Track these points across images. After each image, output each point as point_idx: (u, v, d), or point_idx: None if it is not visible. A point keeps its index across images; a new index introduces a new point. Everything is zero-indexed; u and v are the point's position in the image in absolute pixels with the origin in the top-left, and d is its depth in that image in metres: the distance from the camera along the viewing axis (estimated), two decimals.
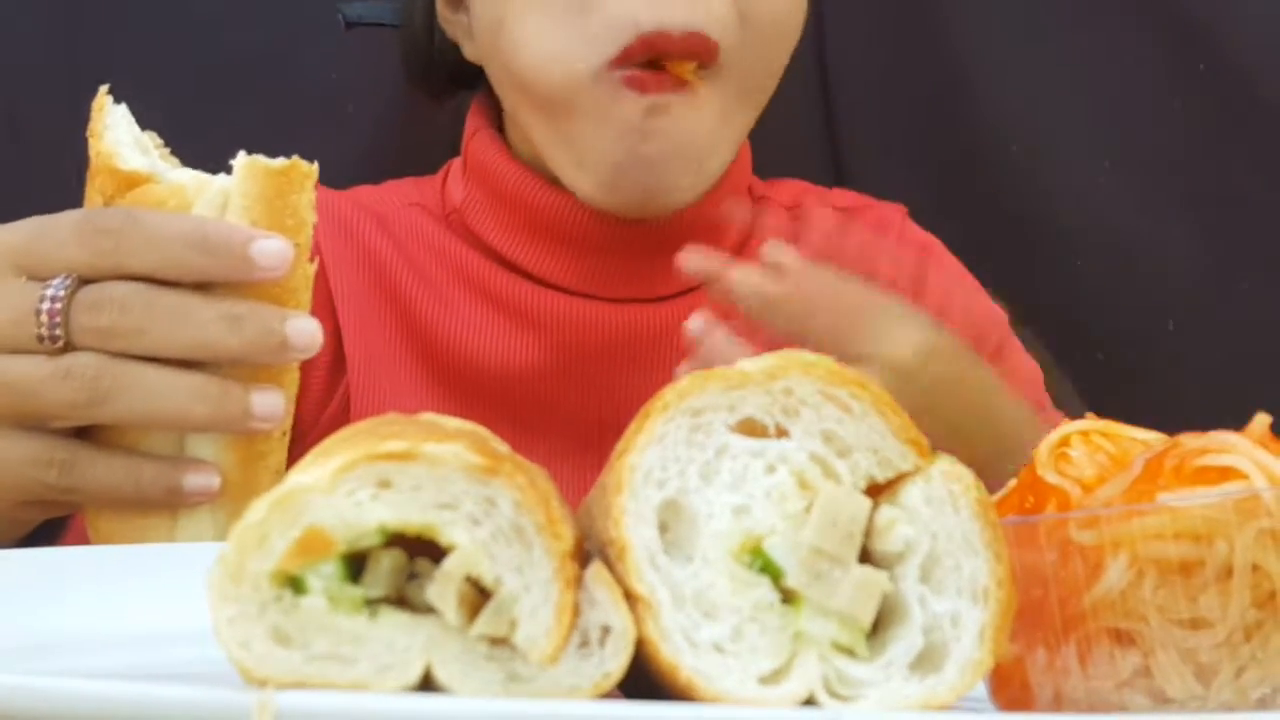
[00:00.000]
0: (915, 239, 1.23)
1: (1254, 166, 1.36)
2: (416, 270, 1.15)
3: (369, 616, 0.54)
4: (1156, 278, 1.37)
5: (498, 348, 1.13)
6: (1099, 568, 0.57)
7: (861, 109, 1.09)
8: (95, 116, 0.80)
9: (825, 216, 1.22)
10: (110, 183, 0.79)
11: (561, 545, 0.53)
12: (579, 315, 1.12)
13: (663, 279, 1.12)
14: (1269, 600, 0.56)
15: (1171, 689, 0.56)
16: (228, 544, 0.53)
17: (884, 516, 0.56)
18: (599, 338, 1.12)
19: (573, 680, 0.54)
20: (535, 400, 1.13)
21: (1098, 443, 0.61)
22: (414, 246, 1.16)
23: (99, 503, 0.80)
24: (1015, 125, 1.36)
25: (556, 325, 1.12)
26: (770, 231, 1.19)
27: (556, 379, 1.13)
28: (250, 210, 0.78)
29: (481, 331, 1.13)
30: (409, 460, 0.53)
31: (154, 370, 0.78)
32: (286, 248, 0.77)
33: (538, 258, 1.13)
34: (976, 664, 0.55)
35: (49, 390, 0.78)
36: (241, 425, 0.79)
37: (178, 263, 0.77)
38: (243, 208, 0.78)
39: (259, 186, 0.78)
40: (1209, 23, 1.36)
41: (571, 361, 1.12)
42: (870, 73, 1.35)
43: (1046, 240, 1.34)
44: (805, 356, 0.57)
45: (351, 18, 1.25)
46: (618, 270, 1.12)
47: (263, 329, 0.77)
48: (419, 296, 1.14)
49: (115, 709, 0.50)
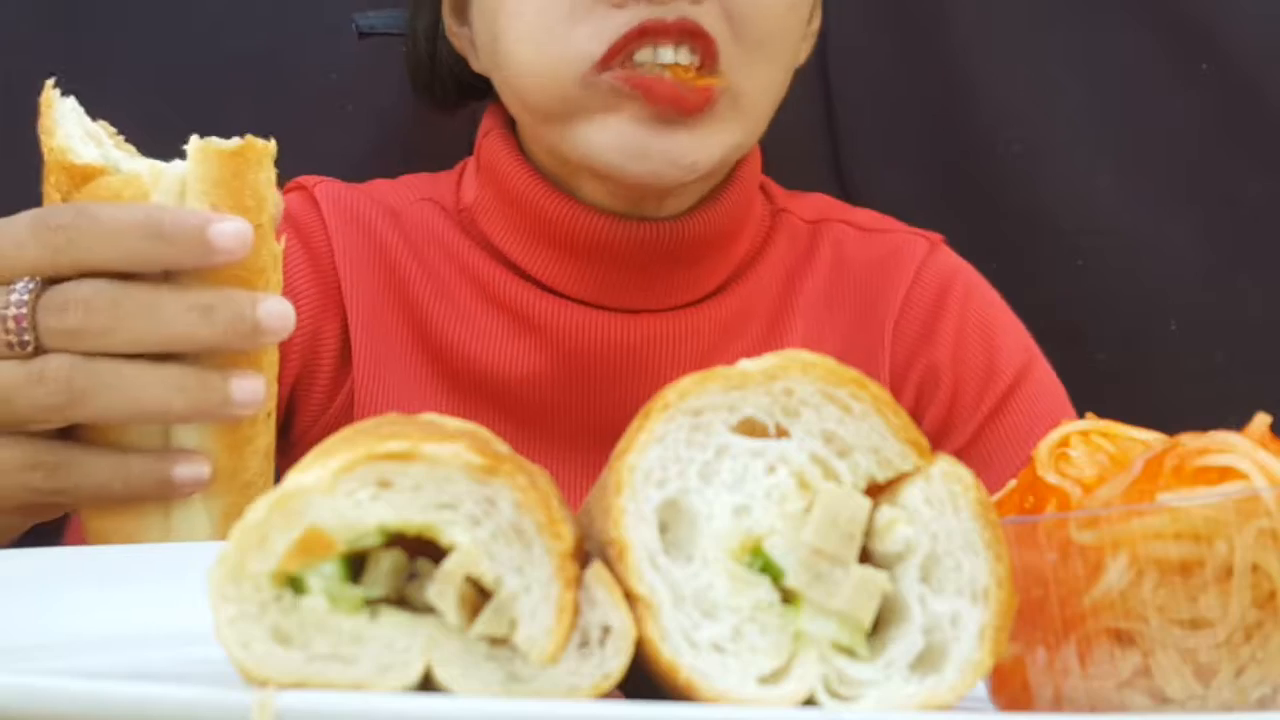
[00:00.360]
0: (942, 267, 1.20)
1: (1255, 166, 1.37)
2: (427, 268, 1.14)
3: (369, 616, 0.54)
4: (1158, 278, 1.37)
5: (504, 353, 1.12)
6: (1099, 568, 0.57)
7: (863, 109, 1.09)
8: (44, 112, 0.78)
9: (845, 236, 1.21)
10: (65, 179, 0.77)
11: (562, 545, 0.54)
12: (586, 325, 1.11)
13: (672, 289, 1.12)
14: (1269, 600, 0.56)
15: (1171, 689, 0.56)
16: (228, 544, 0.53)
17: (884, 516, 0.56)
18: (606, 347, 1.11)
19: (573, 680, 0.54)
20: (540, 407, 1.13)
21: (1097, 443, 0.61)
22: (424, 244, 1.15)
23: (90, 503, 0.80)
24: (1016, 125, 1.36)
25: (563, 333, 1.12)
26: (786, 244, 1.19)
27: (562, 387, 1.12)
28: (209, 194, 0.76)
29: (488, 335, 1.13)
30: (409, 460, 0.53)
31: (128, 366, 0.77)
32: (245, 228, 0.76)
33: (546, 265, 1.12)
34: (976, 664, 0.55)
35: (23, 395, 0.77)
36: (223, 413, 0.78)
37: (136, 254, 0.76)
38: (201, 192, 0.76)
39: (215, 170, 0.76)
40: (1210, 22, 1.36)
41: (578, 370, 1.12)
42: (871, 73, 1.35)
43: (1047, 240, 1.34)
44: (805, 356, 0.57)
45: (365, 27, 1.25)
46: (626, 280, 1.11)
47: (234, 315, 0.76)
48: (428, 296, 1.14)
49: (115, 709, 0.50)
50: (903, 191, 1.27)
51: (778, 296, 1.18)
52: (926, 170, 1.35)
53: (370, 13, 1.25)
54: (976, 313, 1.19)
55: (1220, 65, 1.35)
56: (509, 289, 1.13)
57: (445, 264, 1.15)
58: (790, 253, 1.19)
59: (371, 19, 1.25)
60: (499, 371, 1.12)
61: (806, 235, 1.20)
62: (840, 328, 1.18)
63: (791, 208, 1.21)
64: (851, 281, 1.19)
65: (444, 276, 1.14)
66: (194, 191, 0.76)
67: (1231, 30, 1.36)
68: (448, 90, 1.21)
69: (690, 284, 1.13)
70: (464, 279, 1.14)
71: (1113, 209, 1.36)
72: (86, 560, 0.74)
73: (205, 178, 0.76)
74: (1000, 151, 1.36)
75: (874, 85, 1.11)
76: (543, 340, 1.12)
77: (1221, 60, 1.35)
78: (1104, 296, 1.35)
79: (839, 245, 1.20)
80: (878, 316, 1.18)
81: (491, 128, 1.16)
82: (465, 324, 1.13)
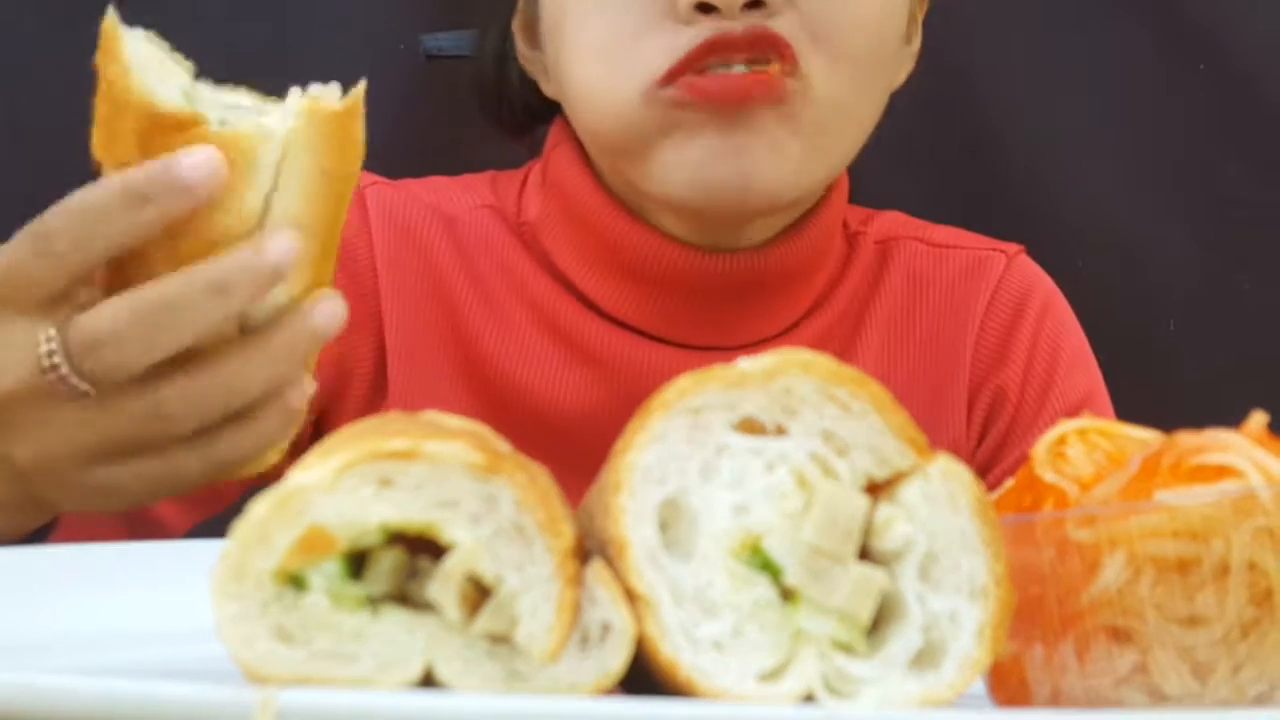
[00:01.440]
0: (1019, 281, 1.16)
1: (1255, 167, 1.37)
2: (479, 286, 1.09)
3: (370, 614, 0.54)
4: (1157, 278, 1.37)
5: (558, 384, 1.07)
6: (1096, 566, 0.57)
7: None
8: (108, 44, 0.73)
9: (916, 254, 1.15)
10: (149, 124, 0.73)
11: (562, 543, 0.54)
12: (649, 359, 1.06)
13: (746, 325, 1.07)
14: (1265, 598, 0.56)
15: (1169, 686, 0.57)
16: (229, 542, 0.53)
17: (883, 515, 0.56)
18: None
19: (573, 678, 0.54)
20: (595, 446, 1.04)
21: (1095, 441, 0.61)
22: (479, 257, 1.10)
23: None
24: (1017, 126, 1.36)
25: (623, 367, 1.06)
26: (860, 270, 1.14)
27: (617, 424, 1.07)
28: (316, 151, 0.73)
29: (542, 364, 1.07)
30: (410, 459, 0.54)
31: (189, 377, 0.74)
32: (211, 152, 0.71)
33: (611, 292, 1.06)
34: (975, 661, 0.55)
35: (152, 430, 0.75)
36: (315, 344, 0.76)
37: (131, 229, 0.73)
38: (306, 151, 0.73)
39: (325, 129, 0.74)
40: (1210, 24, 1.36)
41: (635, 408, 1.07)
42: None
43: (1047, 240, 1.34)
44: (804, 355, 0.57)
45: (433, 49, 1.21)
46: (698, 314, 1.06)
47: (249, 277, 0.72)
48: (476, 315, 1.08)
49: (116, 707, 0.50)
50: (901, 191, 1.27)
51: (852, 324, 1.12)
52: (925, 170, 1.35)
53: (440, 34, 1.22)
54: (1048, 336, 1.15)
55: (1220, 65, 1.36)
56: (569, 315, 1.07)
57: (500, 281, 1.09)
58: (864, 279, 1.14)
59: (440, 40, 1.21)
60: (551, 404, 1.07)
61: (877, 256, 1.15)
62: (915, 349, 1.13)
63: (864, 229, 1.16)
64: (927, 301, 1.14)
65: (497, 296, 1.09)
66: (299, 150, 0.73)
67: (1232, 32, 1.36)
68: (516, 114, 1.16)
69: (766, 319, 1.08)
70: (519, 300, 1.08)
71: (1112, 209, 1.37)
72: (86, 560, 0.74)
73: (313, 138, 0.74)
74: (999, 151, 1.36)
75: None
76: (602, 374, 1.07)
77: (1221, 60, 1.36)
78: (1103, 296, 1.35)
79: (911, 263, 1.15)
80: (956, 336, 1.14)
81: (561, 140, 1.10)
82: (517, 350, 1.07)
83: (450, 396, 1.07)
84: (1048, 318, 1.16)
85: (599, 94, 1.01)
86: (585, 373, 1.07)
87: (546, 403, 1.07)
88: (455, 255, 1.09)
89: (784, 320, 1.09)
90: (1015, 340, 1.14)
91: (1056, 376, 1.14)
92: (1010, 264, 1.17)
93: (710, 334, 1.07)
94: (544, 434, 1.05)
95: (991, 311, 1.14)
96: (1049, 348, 1.15)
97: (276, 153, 0.73)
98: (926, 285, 1.15)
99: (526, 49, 1.12)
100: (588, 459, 1.06)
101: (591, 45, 1.00)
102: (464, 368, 1.08)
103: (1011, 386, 1.13)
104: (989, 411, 1.14)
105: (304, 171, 0.74)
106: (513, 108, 1.15)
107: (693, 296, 1.06)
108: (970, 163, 1.36)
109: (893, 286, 1.14)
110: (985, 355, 1.14)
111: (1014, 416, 1.13)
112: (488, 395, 1.07)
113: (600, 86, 1.00)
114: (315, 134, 0.74)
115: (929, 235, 1.17)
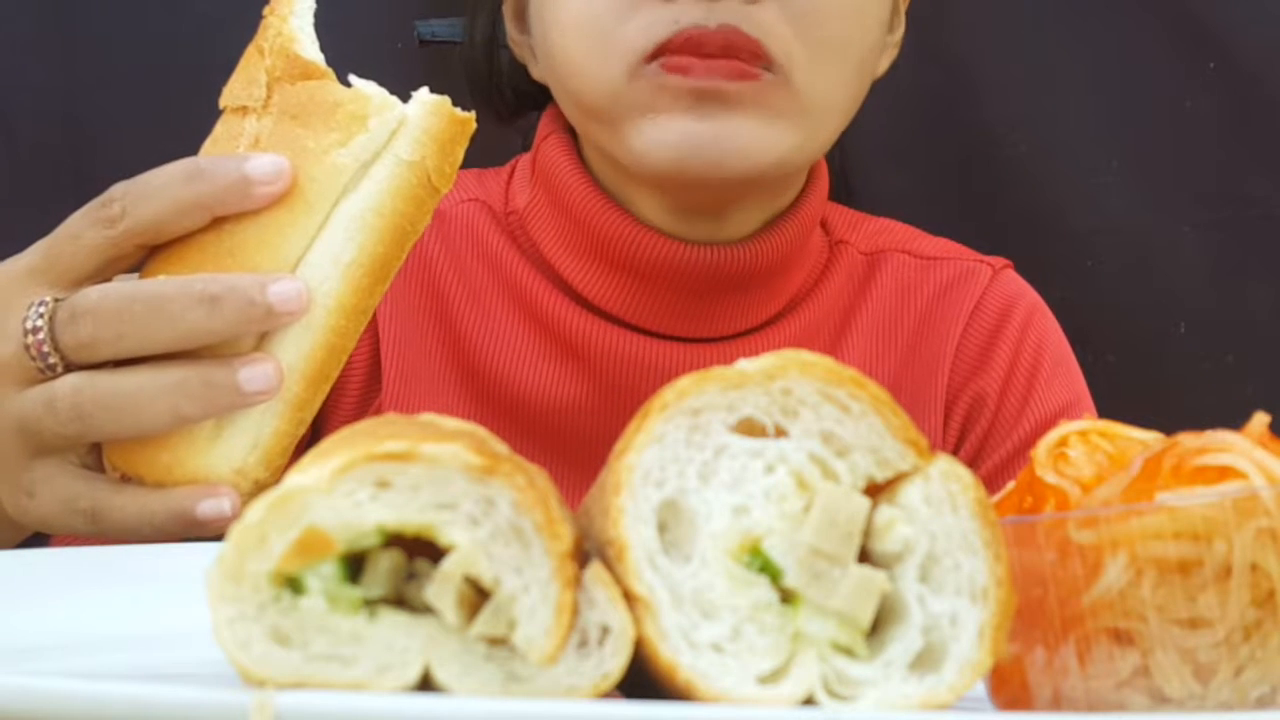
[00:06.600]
0: (1004, 294, 1.17)
1: (1263, 167, 1.37)
2: (465, 280, 1.11)
3: (368, 617, 0.54)
4: (1166, 279, 1.37)
5: (543, 377, 1.09)
6: (1098, 567, 0.57)
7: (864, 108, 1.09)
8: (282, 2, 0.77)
9: (905, 266, 1.17)
10: (284, 65, 0.76)
11: (560, 545, 0.54)
12: (634, 351, 1.08)
13: (726, 317, 1.09)
14: (1267, 599, 0.56)
15: (1170, 688, 0.56)
16: (226, 544, 0.53)
17: (883, 516, 0.56)
18: (654, 376, 1.07)
19: (572, 680, 0.54)
20: (580, 436, 1.09)
21: (1096, 442, 0.61)
22: (466, 252, 1.12)
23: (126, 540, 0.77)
24: (1021, 125, 1.36)
25: (609, 359, 1.08)
26: (843, 278, 1.15)
27: (605, 416, 1.08)
28: (424, 145, 0.75)
29: (527, 357, 1.09)
30: (408, 460, 0.53)
31: (130, 379, 0.73)
32: (282, 161, 0.73)
33: (597, 283, 1.08)
34: (975, 664, 0.55)
35: (43, 425, 0.74)
36: (238, 404, 0.74)
37: (181, 201, 0.73)
38: (417, 140, 0.74)
39: (440, 126, 0.75)
40: (1217, 23, 1.36)
41: (621, 398, 1.08)
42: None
43: (1056, 241, 1.34)
44: (804, 356, 0.57)
45: (426, 35, 1.23)
46: (681, 306, 1.08)
47: (243, 303, 0.72)
48: (465, 311, 1.10)
49: (114, 709, 0.50)
50: (905, 192, 1.26)
51: (834, 329, 1.15)
52: (929, 171, 1.35)
53: (433, 20, 1.23)
54: (1031, 346, 1.16)
55: (1228, 64, 1.35)
56: (554, 306, 1.09)
57: (486, 274, 1.11)
58: (847, 286, 1.16)
59: (434, 26, 1.23)
60: (537, 396, 1.08)
61: (864, 267, 1.17)
62: (896, 355, 1.15)
63: (850, 239, 1.17)
64: (911, 311, 1.16)
65: (483, 289, 1.11)
66: (410, 136, 0.74)
67: (1240, 31, 1.36)
68: (506, 100, 1.18)
69: (745, 311, 1.10)
70: (505, 293, 1.10)
71: (1120, 210, 1.36)
72: (83, 562, 0.74)
73: (429, 130, 0.75)
74: (1005, 152, 1.36)
75: (875, 84, 1.10)
76: (586, 365, 1.08)
77: (1229, 60, 1.35)
78: (1112, 298, 1.35)
79: (899, 275, 1.17)
80: (937, 345, 1.15)
81: (551, 131, 1.12)
82: (503, 343, 1.09)
83: (443, 392, 1.09)
84: (1031, 328, 1.17)
85: (583, 69, 1.03)
86: (571, 365, 1.09)
87: (533, 395, 1.09)
88: (444, 250, 1.12)
89: (763, 313, 1.11)
90: (997, 349, 1.15)
91: (1037, 384, 1.15)
92: (995, 277, 1.18)
93: (692, 325, 1.09)
94: (532, 426, 1.08)
95: (974, 321, 1.16)
96: (1031, 356, 1.16)
97: (390, 126, 0.74)
98: (912, 295, 1.17)
99: (516, 33, 1.14)
100: (575, 450, 1.08)
101: (574, 22, 1.03)
102: (455, 364, 1.10)
103: (991, 392, 1.15)
104: (967, 416, 1.15)
105: (392, 172, 0.75)
106: (503, 93, 1.19)
107: (675, 288, 1.08)
108: (974, 163, 1.36)
109: (879, 297, 1.16)
110: (965, 362, 1.15)
111: (993, 422, 1.15)
112: (477, 390, 1.09)
113: (585, 61, 1.03)
114: (432, 129, 0.75)
115: (918, 247, 1.19)
